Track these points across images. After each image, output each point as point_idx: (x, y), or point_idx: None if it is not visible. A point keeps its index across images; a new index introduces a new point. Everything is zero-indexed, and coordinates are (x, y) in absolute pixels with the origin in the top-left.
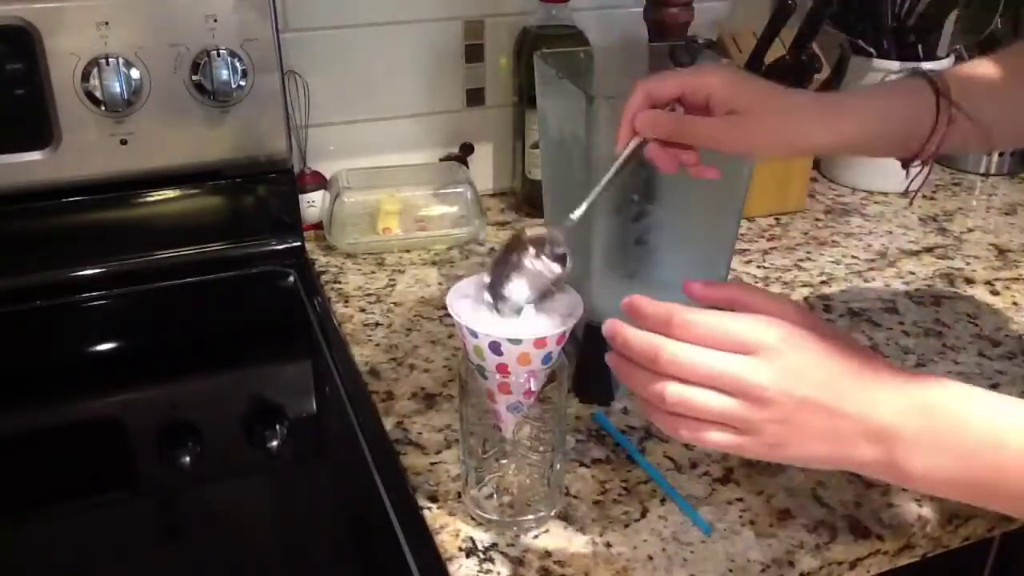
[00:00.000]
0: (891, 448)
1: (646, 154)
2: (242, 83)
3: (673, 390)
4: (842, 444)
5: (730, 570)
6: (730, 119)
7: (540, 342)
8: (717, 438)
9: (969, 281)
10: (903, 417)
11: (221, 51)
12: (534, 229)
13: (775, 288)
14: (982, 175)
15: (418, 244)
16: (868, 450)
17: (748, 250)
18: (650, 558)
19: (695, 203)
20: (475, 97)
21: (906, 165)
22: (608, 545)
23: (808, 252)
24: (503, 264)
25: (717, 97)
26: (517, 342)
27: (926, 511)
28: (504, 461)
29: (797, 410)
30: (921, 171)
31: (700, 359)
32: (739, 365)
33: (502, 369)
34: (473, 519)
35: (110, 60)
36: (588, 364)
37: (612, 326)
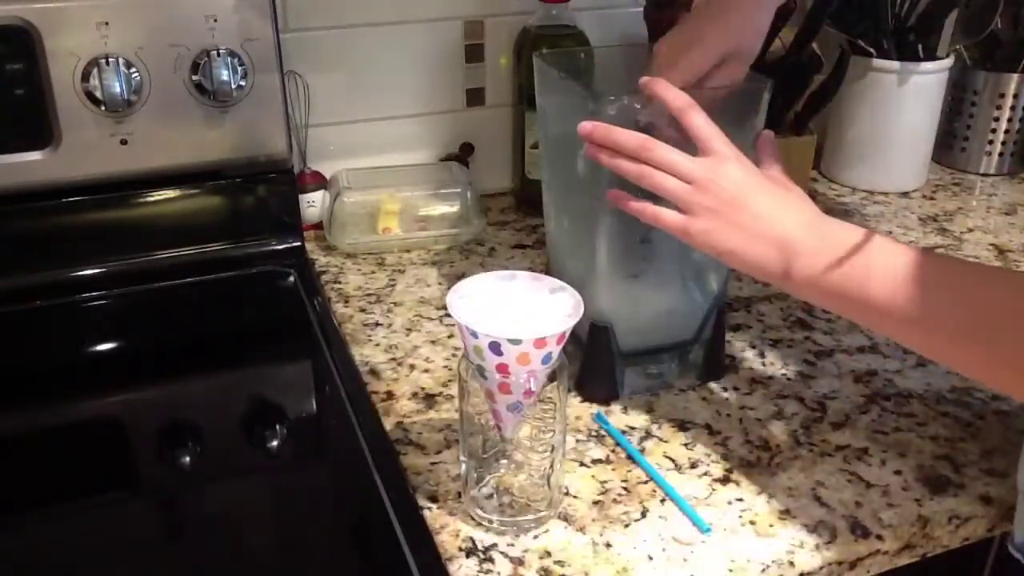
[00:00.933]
0: (789, 255)
1: None
2: (242, 83)
3: (653, 172)
4: (755, 242)
5: (730, 570)
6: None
7: (540, 342)
8: (671, 217)
9: None
10: (804, 232)
11: (221, 51)
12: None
13: (775, 288)
14: (982, 175)
15: (418, 244)
16: (774, 254)
17: None
18: (650, 558)
19: None
20: (475, 97)
21: None
22: (608, 545)
23: None
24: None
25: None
26: (517, 342)
27: (926, 511)
28: (504, 461)
29: (727, 203)
30: None
31: (673, 154)
32: (696, 161)
33: (502, 369)
34: (473, 519)
35: (110, 60)
36: (593, 363)
37: (588, 125)
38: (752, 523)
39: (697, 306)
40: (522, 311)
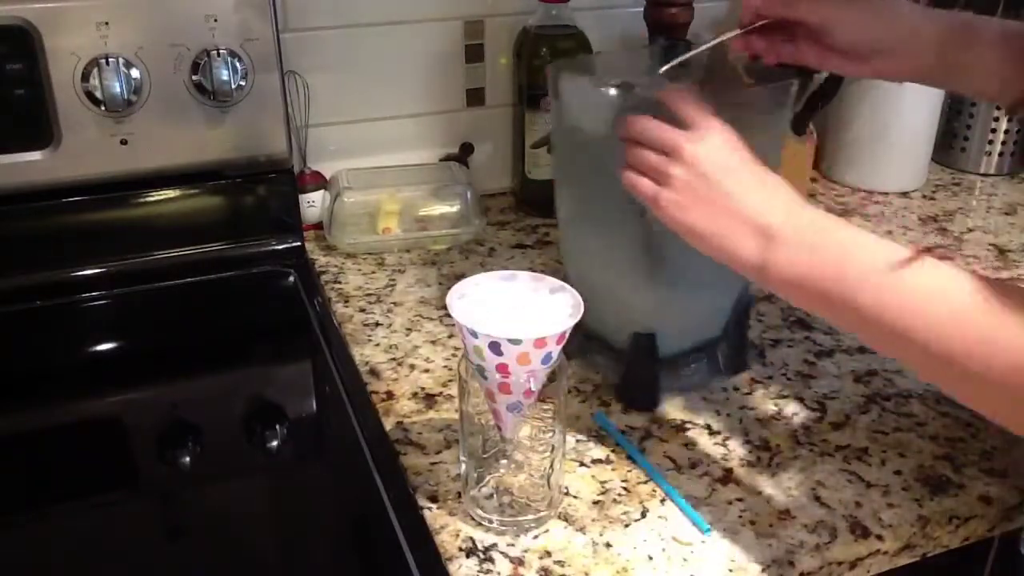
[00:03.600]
0: (767, 245)
1: (734, 45)
2: (242, 83)
3: (630, 145)
4: (731, 227)
5: (730, 570)
6: (835, 8)
7: (540, 342)
8: (645, 186)
9: None
10: (785, 219)
11: (221, 51)
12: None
13: None
14: (982, 175)
15: (418, 244)
16: (750, 242)
17: None
18: (650, 558)
19: None
20: (475, 97)
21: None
22: (608, 545)
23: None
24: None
25: None
26: (517, 342)
27: (926, 511)
28: (504, 461)
29: (701, 176)
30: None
31: (651, 125)
32: (676, 132)
33: (502, 369)
34: (473, 519)
35: (110, 60)
36: (636, 372)
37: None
38: (752, 523)
39: (726, 303)
40: (522, 311)
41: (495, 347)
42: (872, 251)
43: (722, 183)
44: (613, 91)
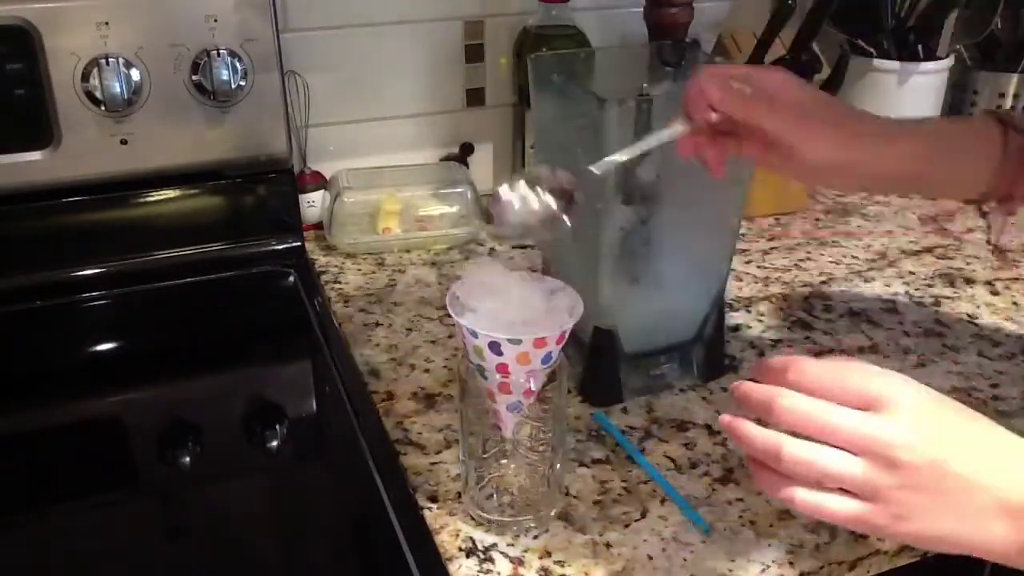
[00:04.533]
0: (1020, 521)
1: (680, 145)
2: (242, 83)
3: (792, 445)
4: (975, 519)
5: (730, 570)
6: (795, 109)
7: (540, 342)
8: (837, 506)
9: (969, 281)
10: None
11: (221, 51)
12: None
13: (775, 288)
14: None
15: (418, 244)
16: (1001, 527)
17: (748, 250)
18: (650, 558)
19: (697, 204)
20: (475, 97)
21: (982, 209)
22: (608, 545)
23: (808, 252)
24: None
25: (784, 94)
26: (517, 342)
27: None
28: (504, 461)
29: (931, 477)
30: (1002, 217)
31: (822, 409)
32: (869, 421)
33: (502, 369)
34: (473, 519)
35: (110, 60)
36: (597, 367)
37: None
38: (752, 523)
39: (698, 306)
40: (522, 311)
41: (495, 347)
42: None
43: (956, 469)
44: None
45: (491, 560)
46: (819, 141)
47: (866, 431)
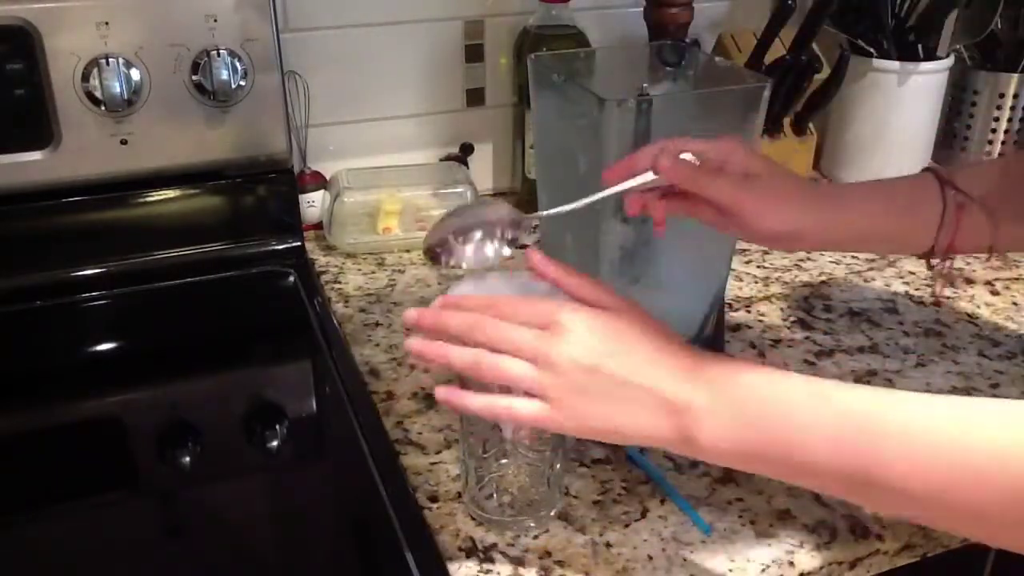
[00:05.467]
0: (682, 420)
1: (629, 201)
2: (242, 83)
3: (486, 356)
4: (642, 414)
5: (730, 570)
6: (743, 180)
7: None
8: (521, 406)
9: (969, 281)
10: (691, 391)
11: (221, 51)
12: (510, 210)
13: (775, 288)
14: None
15: (418, 244)
16: (663, 422)
17: (748, 250)
18: (650, 558)
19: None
20: (475, 97)
21: (929, 263)
22: (608, 545)
23: (808, 252)
24: (470, 218)
25: (736, 158)
26: None
27: None
28: (504, 461)
29: (588, 378)
30: (943, 267)
31: (507, 330)
32: (541, 336)
33: None
34: (473, 519)
35: (110, 60)
36: None
37: (414, 313)
38: (752, 523)
39: (698, 306)
40: None
41: None
42: (804, 407)
43: (609, 370)
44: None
45: (491, 560)
46: (769, 212)
47: (536, 343)
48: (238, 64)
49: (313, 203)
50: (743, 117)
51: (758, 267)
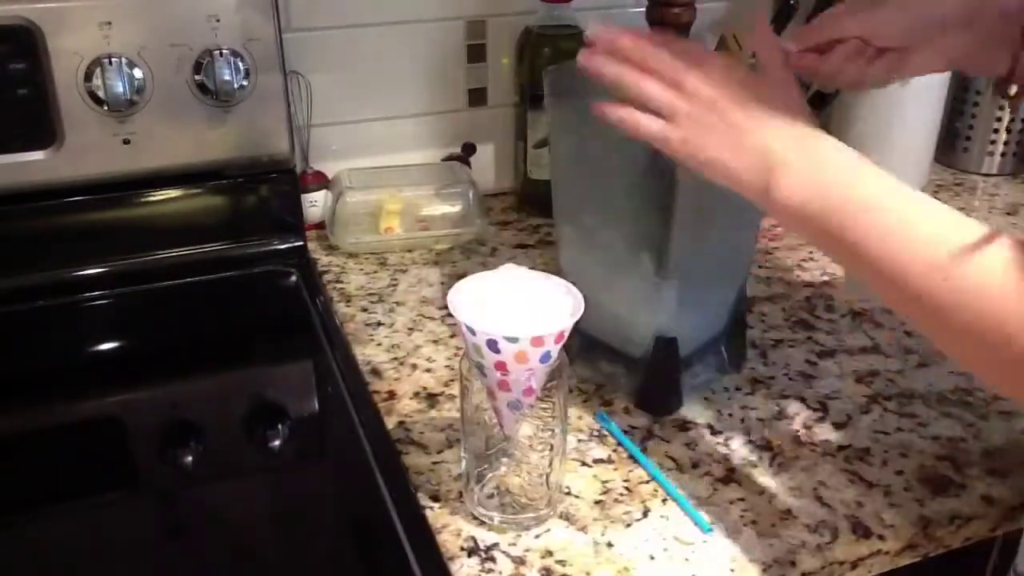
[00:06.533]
0: (770, 169)
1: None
2: (244, 83)
3: (631, 72)
4: (743, 157)
5: (731, 570)
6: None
7: (537, 340)
8: (646, 121)
9: None
10: (790, 146)
11: (223, 51)
12: None
13: (777, 288)
14: (984, 175)
15: (420, 244)
16: (754, 164)
17: None
18: (651, 558)
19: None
20: (477, 97)
21: (1004, 92)
22: (609, 544)
23: (811, 252)
24: None
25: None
26: (514, 340)
27: (928, 511)
28: (506, 460)
29: (708, 107)
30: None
31: (660, 57)
32: (687, 68)
33: (500, 367)
34: (475, 518)
35: (113, 60)
36: (660, 377)
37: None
38: (754, 523)
39: (731, 295)
40: (523, 310)
41: (492, 344)
42: (877, 184)
43: (732, 110)
44: None
45: (493, 560)
46: (891, 24)
47: (678, 71)
48: (240, 64)
49: (315, 203)
50: None
51: (760, 267)
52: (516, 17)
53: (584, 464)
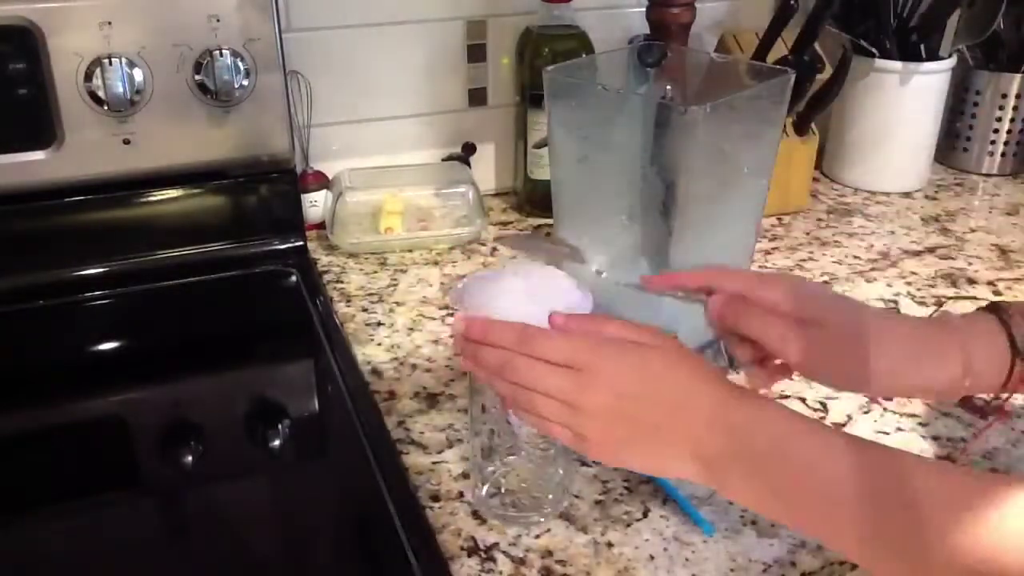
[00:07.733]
0: (709, 467)
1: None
2: (245, 83)
3: (523, 394)
4: (671, 457)
5: (732, 570)
6: (800, 330)
7: None
8: (565, 436)
9: (971, 282)
10: (716, 441)
11: (224, 51)
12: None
13: None
14: (984, 175)
15: (420, 244)
16: (693, 467)
17: None
18: (652, 558)
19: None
20: (477, 97)
21: (981, 413)
22: (610, 545)
23: (810, 252)
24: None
25: (783, 307)
26: None
27: None
28: (508, 459)
29: (617, 423)
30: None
31: (539, 377)
32: (568, 383)
33: None
34: (475, 518)
35: (113, 60)
36: None
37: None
38: (754, 523)
39: None
40: (528, 308)
41: None
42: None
43: (637, 419)
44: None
45: (493, 560)
46: (839, 358)
47: (567, 391)
48: (240, 64)
49: (315, 203)
50: (770, 110)
51: (760, 267)
52: (516, 17)
53: (584, 464)
